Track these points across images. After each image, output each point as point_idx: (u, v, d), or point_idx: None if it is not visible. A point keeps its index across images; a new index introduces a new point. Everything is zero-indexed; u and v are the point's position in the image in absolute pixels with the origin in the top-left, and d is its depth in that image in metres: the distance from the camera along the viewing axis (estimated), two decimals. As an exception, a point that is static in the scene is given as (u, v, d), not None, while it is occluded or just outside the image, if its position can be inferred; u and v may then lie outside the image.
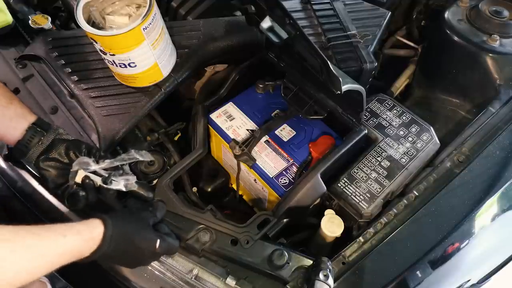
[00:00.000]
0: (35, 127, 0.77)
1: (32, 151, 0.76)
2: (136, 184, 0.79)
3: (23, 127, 0.76)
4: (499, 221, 0.86)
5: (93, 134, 0.94)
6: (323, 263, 0.73)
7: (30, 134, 0.76)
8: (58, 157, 0.77)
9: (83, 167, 0.75)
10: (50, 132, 0.78)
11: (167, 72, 0.96)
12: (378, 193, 0.86)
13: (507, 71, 1.04)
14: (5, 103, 0.76)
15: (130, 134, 0.95)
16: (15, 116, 0.77)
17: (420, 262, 0.78)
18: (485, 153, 0.89)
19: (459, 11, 1.16)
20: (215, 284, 0.76)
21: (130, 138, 0.96)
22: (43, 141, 0.77)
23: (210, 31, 1.04)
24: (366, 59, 0.98)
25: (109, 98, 0.94)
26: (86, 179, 0.75)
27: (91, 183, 0.76)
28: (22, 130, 0.76)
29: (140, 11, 0.90)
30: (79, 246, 0.61)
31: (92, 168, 0.76)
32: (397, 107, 0.99)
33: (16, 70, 1.05)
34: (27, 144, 0.76)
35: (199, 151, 0.93)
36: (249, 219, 0.82)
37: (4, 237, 0.53)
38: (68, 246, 0.59)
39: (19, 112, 0.77)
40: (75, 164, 0.75)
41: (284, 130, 0.96)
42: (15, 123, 0.76)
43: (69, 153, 0.78)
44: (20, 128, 0.76)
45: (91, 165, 0.76)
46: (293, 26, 0.76)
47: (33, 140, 0.76)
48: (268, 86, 1.03)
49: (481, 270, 0.88)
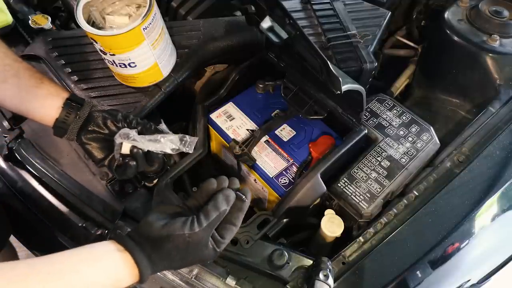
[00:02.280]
0: (70, 102, 0.75)
1: (72, 127, 0.74)
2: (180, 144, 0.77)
3: (58, 105, 0.74)
4: (499, 221, 0.86)
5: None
6: (323, 263, 0.73)
7: (66, 110, 0.74)
8: (97, 129, 0.75)
9: (126, 138, 0.73)
10: (85, 105, 0.75)
11: (167, 72, 0.96)
12: (378, 193, 0.86)
13: (507, 71, 1.04)
14: (35, 83, 0.74)
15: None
16: (49, 94, 0.75)
17: (420, 262, 0.78)
18: (485, 153, 0.89)
19: (459, 11, 1.16)
20: (215, 284, 0.76)
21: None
22: (80, 115, 0.74)
23: (210, 31, 1.04)
24: (366, 59, 0.98)
25: (109, 98, 0.94)
26: (134, 148, 0.73)
27: (140, 151, 0.74)
28: (58, 108, 0.74)
29: (140, 11, 0.90)
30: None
31: (135, 137, 0.74)
32: (397, 107, 0.99)
33: (16, 70, 1.05)
34: (65, 120, 0.74)
35: (199, 151, 0.93)
36: (249, 219, 0.82)
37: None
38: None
39: (52, 90, 0.75)
40: (117, 137, 0.73)
41: (284, 130, 0.96)
42: (50, 101, 0.74)
43: (106, 123, 0.76)
44: (55, 105, 0.74)
45: (133, 135, 0.74)
46: (293, 26, 0.76)
47: (70, 115, 0.74)
48: (268, 86, 1.03)
49: (481, 270, 0.88)
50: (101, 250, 0.58)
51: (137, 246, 0.58)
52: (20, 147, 0.96)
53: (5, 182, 0.98)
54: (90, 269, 0.55)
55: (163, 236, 0.59)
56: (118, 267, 0.57)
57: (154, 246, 0.59)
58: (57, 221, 0.92)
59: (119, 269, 0.57)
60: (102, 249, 0.58)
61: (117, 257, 0.57)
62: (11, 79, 0.73)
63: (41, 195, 0.93)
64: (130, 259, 0.57)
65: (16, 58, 0.76)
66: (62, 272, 0.52)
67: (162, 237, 0.59)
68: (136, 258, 0.57)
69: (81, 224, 0.87)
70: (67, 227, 0.91)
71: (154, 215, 0.62)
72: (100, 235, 0.85)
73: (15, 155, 0.97)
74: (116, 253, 0.57)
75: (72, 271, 0.53)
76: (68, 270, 0.53)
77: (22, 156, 0.96)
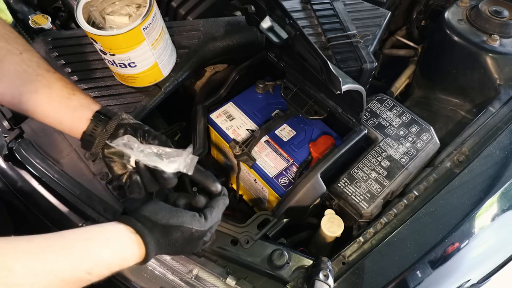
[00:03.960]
0: (99, 115, 0.72)
1: (98, 140, 0.72)
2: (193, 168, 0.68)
3: (87, 117, 0.72)
4: (499, 221, 0.86)
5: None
6: (323, 263, 0.73)
7: (94, 123, 0.71)
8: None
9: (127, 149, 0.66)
10: (114, 118, 0.72)
11: (167, 72, 0.96)
12: (378, 193, 0.86)
13: (507, 71, 1.04)
14: (67, 94, 0.73)
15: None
16: (79, 106, 0.73)
17: (420, 262, 0.78)
18: (485, 153, 0.89)
19: (459, 11, 1.16)
20: (215, 284, 0.76)
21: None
22: (107, 128, 0.71)
23: (210, 31, 1.04)
24: (366, 59, 0.98)
25: (109, 98, 0.94)
26: (139, 161, 0.68)
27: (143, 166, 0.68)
28: (87, 120, 0.72)
29: (140, 11, 0.90)
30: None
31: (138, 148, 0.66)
32: (397, 107, 0.99)
33: (16, 70, 1.05)
34: (92, 133, 0.71)
35: (199, 151, 0.93)
36: (249, 219, 0.82)
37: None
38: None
39: (83, 102, 0.73)
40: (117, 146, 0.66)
41: (284, 130, 0.96)
42: (79, 113, 0.72)
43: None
44: (85, 118, 0.72)
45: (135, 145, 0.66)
46: (293, 26, 0.76)
47: (98, 128, 0.71)
48: (268, 86, 1.03)
49: (481, 270, 0.88)
50: (110, 229, 0.61)
51: (146, 229, 0.62)
52: (20, 147, 0.96)
53: (5, 182, 0.98)
54: (99, 247, 0.58)
55: (174, 226, 0.64)
56: (126, 247, 0.60)
57: (164, 232, 0.63)
58: (57, 221, 0.92)
59: (126, 248, 0.60)
60: (111, 229, 0.61)
61: (126, 237, 0.60)
62: (43, 89, 0.72)
63: (41, 195, 0.93)
64: (138, 240, 0.61)
65: (49, 68, 0.74)
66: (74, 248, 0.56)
67: (173, 226, 0.63)
68: (146, 240, 0.61)
69: (81, 224, 0.87)
70: (67, 227, 0.90)
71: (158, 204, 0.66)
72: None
73: (15, 155, 0.97)
74: (125, 234, 0.61)
75: (83, 247, 0.57)
76: (79, 246, 0.56)
77: (22, 156, 0.96)
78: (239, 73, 1.03)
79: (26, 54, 0.72)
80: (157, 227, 0.63)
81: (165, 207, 0.66)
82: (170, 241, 0.63)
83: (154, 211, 0.65)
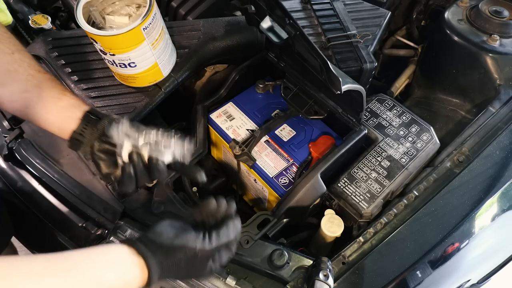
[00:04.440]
0: (90, 115, 0.72)
1: (87, 140, 0.72)
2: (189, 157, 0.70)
3: (77, 116, 0.72)
4: (499, 221, 0.86)
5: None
6: (323, 263, 0.73)
7: (84, 123, 0.72)
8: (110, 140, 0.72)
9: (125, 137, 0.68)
10: (104, 119, 0.73)
11: (167, 72, 0.96)
12: (378, 193, 0.86)
13: (507, 71, 1.04)
14: (57, 94, 0.73)
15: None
16: (69, 106, 0.73)
17: (420, 262, 0.78)
18: (485, 153, 0.89)
19: (459, 11, 1.16)
20: (215, 284, 0.76)
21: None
22: (98, 127, 0.71)
23: (210, 31, 1.04)
24: (366, 59, 0.98)
25: (109, 98, 0.94)
26: (133, 153, 0.67)
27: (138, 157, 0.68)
28: (77, 119, 0.72)
29: (140, 11, 0.90)
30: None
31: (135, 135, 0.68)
32: (397, 107, 0.99)
33: (16, 70, 1.05)
34: (82, 132, 0.71)
35: (199, 151, 0.93)
36: (249, 219, 0.82)
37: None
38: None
39: (72, 102, 0.74)
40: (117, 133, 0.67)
41: (284, 130, 0.96)
42: (69, 113, 0.73)
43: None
44: (74, 117, 0.72)
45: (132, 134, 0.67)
46: (293, 26, 0.76)
47: (87, 128, 0.71)
48: (268, 86, 1.03)
49: (481, 270, 0.88)
50: (114, 251, 0.60)
51: (149, 251, 0.60)
52: (20, 147, 0.96)
53: (5, 182, 0.98)
54: (101, 269, 0.57)
55: (176, 246, 0.61)
56: (128, 269, 0.58)
57: (166, 254, 0.61)
58: (57, 221, 0.92)
59: (129, 271, 0.58)
60: (115, 251, 0.60)
61: (129, 260, 0.59)
62: (33, 89, 0.72)
63: (41, 195, 0.93)
64: (141, 263, 0.59)
65: (39, 69, 0.75)
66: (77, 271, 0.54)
67: (175, 247, 0.61)
68: (148, 263, 0.59)
69: (81, 224, 0.87)
70: (67, 227, 0.91)
71: (164, 225, 0.64)
72: (100, 235, 0.85)
73: (15, 155, 0.97)
74: (129, 256, 0.59)
75: (85, 270, 0.55)
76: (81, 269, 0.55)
77: (22, 156, 0.96)
78: (239, 73, 1.03)
79: (18, 54, 0.72)
80: (161, 249, 0.61)
81: (171, 228, 0.64)
82: (173, 263, 0.61)
83: (160, 232, 0.63)
